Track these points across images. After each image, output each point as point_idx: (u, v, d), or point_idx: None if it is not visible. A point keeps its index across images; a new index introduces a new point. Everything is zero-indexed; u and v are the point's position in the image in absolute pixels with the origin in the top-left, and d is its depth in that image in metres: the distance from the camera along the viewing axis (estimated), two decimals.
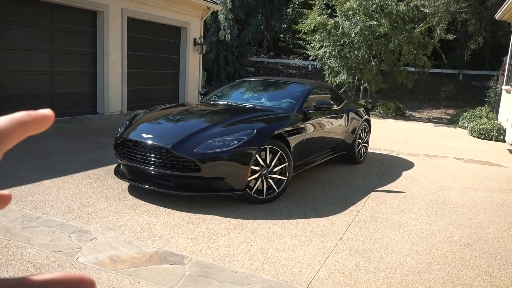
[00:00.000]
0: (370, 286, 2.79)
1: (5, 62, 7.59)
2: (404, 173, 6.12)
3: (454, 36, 12.83)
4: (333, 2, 13.02)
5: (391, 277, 2.93)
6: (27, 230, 3.29)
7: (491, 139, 9.85)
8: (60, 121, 8.42)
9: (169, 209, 3.94)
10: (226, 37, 17.51)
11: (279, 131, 4.36)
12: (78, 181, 4.63)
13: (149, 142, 4.10)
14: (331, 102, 5.57)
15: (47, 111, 0.39)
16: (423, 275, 2.99)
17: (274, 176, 4.31)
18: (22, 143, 6.16)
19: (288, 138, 4.49)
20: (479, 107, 12.41)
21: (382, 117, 13.43)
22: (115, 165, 4.96)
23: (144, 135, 4.20)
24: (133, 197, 4.23)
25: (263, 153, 4.20)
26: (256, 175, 4.17)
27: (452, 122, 12.95)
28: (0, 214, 3.56)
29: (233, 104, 5.40)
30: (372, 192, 5.01)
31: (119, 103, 10.02)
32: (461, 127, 11.87)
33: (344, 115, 6.00)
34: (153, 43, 11.14)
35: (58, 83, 8.68)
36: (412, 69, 14.21)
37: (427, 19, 12.28)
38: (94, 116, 9.35)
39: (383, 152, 7.59)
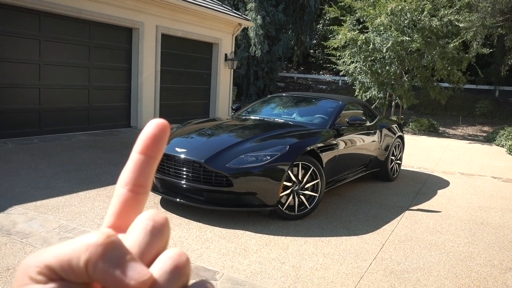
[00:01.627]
0: None
1: (45, 77, 7.89)
2: (439, 191, 5.94)
3: (490, 50, 12.51)
4: (364, 18, 12.96)
5: None
6: (63, 241, 3.34)
7: None
8: (95, 134, 8.65)
9: (200, 223, 3.95)
10: (257, 52, 17.67)
11: (312, 147, 4.32)
12: (111, 193, 4.70)
13: (182, 156, 4.14)
14: (364, 118, 5.49)
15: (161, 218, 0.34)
16: None
17: (306, 192, 4.27)
18: (59, 155, 6.36)
19: (320, 154, 4.45)
20: None
21: (415, 134, 13.15)
22: None
23: (178, 149, 4.24)
24: (165, 210, 4.27)
25: (295, 169, 4.17)
26: (288, 191, 4.13)
27: (488, 139, 12.55)
28: (38, 225, 3.65)
29: (265, 119, 5.40)
30: (407, 211, 4.88)
31: (152, 117, 10.15)
32: (498, 145, 11.48)
33: (377, 131, 5.90)
34: (185, 59, 11.35)
35: (94, 97, 8.94)
36: (446, 84, 13.92)
37: (461, 33, 12.03)
38: (127, 130, 9.56)
39: (417, 170, 7.41)
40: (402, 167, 7.14)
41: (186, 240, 3.56)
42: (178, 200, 4.13)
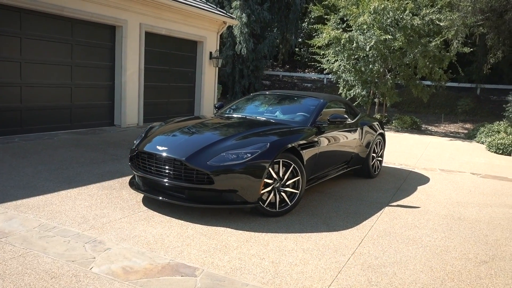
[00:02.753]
0: None
1: (26, 75, 7.81)
2: (419, 188, 6.06)
3: (471, 49, 12.74)
4: (348, 17, 13.08)
5: None
6: (43, 240, 3.35)
7: (509, 154, 9.69)
8: (78, 132, 8.58)
9: (182, 221, 3.98)
10: (242, 50, 17.69)
11: (292, 145, 4.37)
12: (93, 192, 4.71)
13: (164, 154, 4.15)
14: (345, 116, 5.57)
15: None
16: None
17: (287, 189, 4.32)
18: (41, 154, 6.31)
19: (301, 151, 4.50)
20: (497, 122, 12.23)
21: (398, 131, 13.33)
22: (130, 176, 5.03)
23: (159, 147, 4.26)
24: (147, 208, 4.28)
25: (276, 166, 4.21)
26: (269, 188, 4.18)
27: (469, 136, 12.79)
28: (17, 224, 3.64)
29: (247, 117, 5.44)
30: (386, 207, 4.97)
31: (136, 116, 10.18)
32: (478, 142, 11.71)
33: (358, 128, 5.99)
34: (170, 57, 11.32)
35: (77, 96, 8.87)
36: (428, 82, 14.12)
37: (443, 32, 12.23)
38: (111, 128, 9.51)
39: (398, 167, 7.53)
40: (383, 164, 7.26)
41: (167, 237, 3.58)
42: (160, 198, 4.14)
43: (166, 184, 4.14)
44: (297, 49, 22.24)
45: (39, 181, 4.95)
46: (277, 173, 4.23)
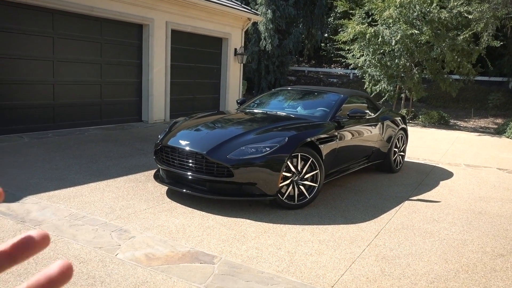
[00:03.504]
0: None
1: (58, 74, 8.17)
2: (441, 183, 6.03)
3: (501, 43, 12.40)
4: (373, 11, 12.96)
5: (415, 284, 2.96)
6: (73, 228, 3.58)
7: None
8: (107, 128, 8.91)
9: (203, 212, 4.14)
10: (267, 46, 17.77)
11: (311, 139, 4.46)
12: (121, 185, 4.94)
13: (186, 148, 4.32)
14: (366, 110, 5.60)
15: (42, 235, 0.44)
16: (449, 283, 2.99)
17: (306, 182, 4.42)
18: (72, 149, 6.61)
19: (320, 145, 4.58)
20: None
21: (425, 126, 13.14)
22: (155, 170, 5.24)
23: (182, 142, 4.43)
24: (170, 200, 4.47)
25: (294, 160, 4.32)
26: (288, 181, 4.29)
27: (498, 132, 12.48)
28: (50, 213, 3.88)
29: (268, 112, 5.55)
30: (406, 201, 4.99)
31: (162, 112, 10.45)
32: (508, 137, 11.43)
33: (379, 123, 6.00)
34: (195, 54, 11.54)
35: (106, 93, 9.20)
36: (456, 77, 13.85)
37: (472, 25, 11.96)
38: (138, 124, 9.81)
39: (422, 162, 7.48)
40: (407, 159, 7.23)
41: (188, 227, 3.75)
42: (184, 190, 4.32)
43: (189, 177, 4.31)
44: (322, 44, 22.15)
45: (70, 174, 5.22)
46: (296, 167, 4.33)
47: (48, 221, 3.68)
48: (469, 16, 11.84)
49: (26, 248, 0.44)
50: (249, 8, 13.57)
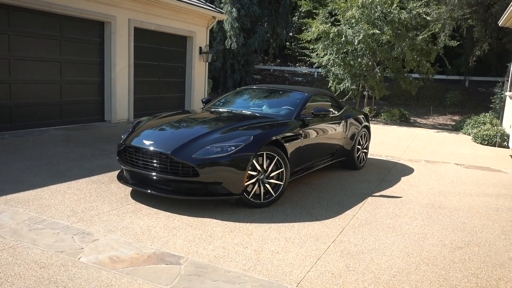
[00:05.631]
0: (358, 286, 2.90)
1: (15, 72, 7.85)
2: (403, 178, 6.21)
3: (458, 43, 12.91)
4: (336, 11, 13.19)
5: (379, 278, 3.03)
6: (33, 232, 3.45)
7: (494, 145, 9.89)
8: (68, 128, 8.65)
9: (169, 213, 4.09)
10: (232, 45, 17.74)
11: (276, 137, 4.49)
12: (83, 186, 4.80)
13: (151, 148, 4.25)
14: (329, 109, 5.69)
15: None
16: (410, 276, 3.09)
17: (271, 181, 4.44)
18: (31, 150, 6.38)
19: (285, 144, 4.62)
20: (483, 113, 12.44)
21: (387, 124, 13.50)
22: (119, 170, 5.12)
23: (146, 142, 4.36)
24: (135, 201, 4.39)
25: (260, 158, 4.33)
26: (253, 180, 4.30)
27: (456, 128, 12.99)
28: (7, 217, 3.73)
29: (233, 111, 5.55)
30: (369, 197, 5.11)
31: (126, 111, 10.25)
32: (465, 133, 11.91)
33: (343, 121, 6.12)
34: (159, 52, 11.38)
35: (66, 92, 8.92)
36: (416, 75, 14.29)
37: (430, 26, 12.38)
38: (101, 124, 9.58)
39: (384, 158, 7.68)
40: (370, 156, 7.40)
41: (154, 228, 3.69)
42: (148, 191, 4.25)
43: (153, 177, 4.24)
44: (287, 43, 22.33)
45: (28, 176, 5.03)
46: (261, 165, 4.35)
47: (5, 226, 3.54)
48: (428, 18, 12.25)
49: None
50: (214, 7, 13.50)
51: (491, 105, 13.79)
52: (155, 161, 4.22)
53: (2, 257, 2.99)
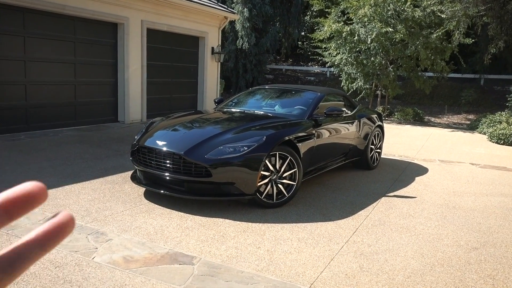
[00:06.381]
0: (372, 287, 2.88)
1: (30, 74, 7.96)
2: (417, 178, 6.14)
3: (472, 40, 12.72)
4: (348, 10, 13.11)
5: (393, 279, 3.00)
6: None
7: (510, 145, 9.72)
8: (82, 129, 8.74)
9: (182, 213, 4.11)
10: (244, 45, 17.76)
11: (289, 137, 4.48)
12: (97, 186, 4.85)
13: (164, 148, 4.28)
14: (343, 108, 5.66)
15: (68, 217, 0.40)
16: (425, 277, 3.05)
17: (284, 181, 4.43)
18: (46, 150, 6.46)
19: (297, 144, 4.60)
20: (499, 112, 12.24)
21: (400, 123, 13.37)
22: (132, 171, 5.16)
23: (159, 142, 4.38)
24: (148, 201, 4.41)
25: (273, 158, 4.32)
26: (266, 180, 4.29)
27: (471, 127, 12.80)
28: (23, 217, 3.77)
29: (245, 111, 5.55)
30: (383, 197, 5.07)
31: (139, 112, 10.32)
32: (480, 133, 11.73)
33: (356, 121, 6.07)
34: (172, 53, 11.43)
35: (80, 93, 9.02)
36: (431, 74, 14.13)
37: (444, 24, 12.22)
38: (114, 124, 9.66)
39: (398, 158, 7.61)
40: (383, 156, 7.34)
41: (167, 228, 3.71)
42: (161, 191, 4.27)
43: (166, 177, 4.26)
44: (300, 43, 22.27)
45: (43, 177, 5.10)
46: (274, 166, 4.34)
47: (21, 225, 3.59)
48: (442, 15, 12.09)
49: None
50: (226, 7, 13.53)
51: (507, 104, 13.54)
52: (168, 161, 4.24)
53: None
